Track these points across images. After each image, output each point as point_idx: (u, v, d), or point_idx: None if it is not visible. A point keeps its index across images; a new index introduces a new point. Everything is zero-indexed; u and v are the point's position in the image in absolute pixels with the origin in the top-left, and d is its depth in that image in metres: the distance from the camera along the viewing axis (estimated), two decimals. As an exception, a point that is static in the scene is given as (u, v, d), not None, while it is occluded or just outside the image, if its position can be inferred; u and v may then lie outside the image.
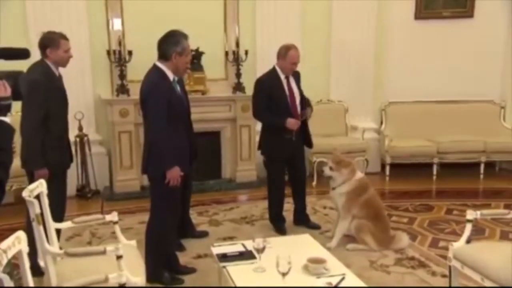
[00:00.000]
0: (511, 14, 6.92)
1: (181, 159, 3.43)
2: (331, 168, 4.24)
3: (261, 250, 2.81)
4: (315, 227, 4.75)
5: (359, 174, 4.31)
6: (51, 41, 3.61)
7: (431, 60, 6.99)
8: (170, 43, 3.34)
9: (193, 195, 5.71)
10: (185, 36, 3.39)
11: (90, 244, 4.35)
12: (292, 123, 4.37)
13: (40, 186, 2.73)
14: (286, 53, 4.42)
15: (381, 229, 4.19)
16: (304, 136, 4.64)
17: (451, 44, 6.98)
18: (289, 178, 4.79)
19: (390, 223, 4.44)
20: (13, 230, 2.10)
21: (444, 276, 3.61)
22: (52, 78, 3.63)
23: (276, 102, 4.44)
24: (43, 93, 3.48)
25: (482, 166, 6.60)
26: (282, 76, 4.50)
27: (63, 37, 3.68)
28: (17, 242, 1.85)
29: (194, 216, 5.11)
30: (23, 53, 2.16)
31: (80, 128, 5.68)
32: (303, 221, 4.79)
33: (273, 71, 4.54)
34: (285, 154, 4.55)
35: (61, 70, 3.78)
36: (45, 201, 2.76)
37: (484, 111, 7.00)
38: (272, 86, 4.47)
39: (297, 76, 4.63)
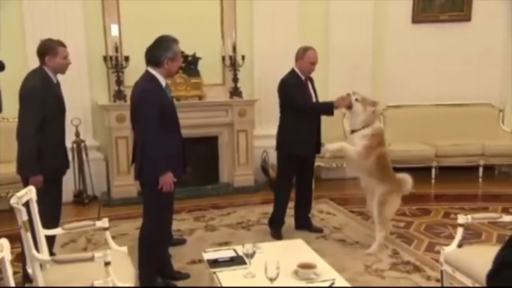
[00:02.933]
0: (508, 17, 6.92)
1: (173, 164, 3.42)
2: (356, 100, 4.24)
3: (250, 256, 2.81)
4: (318, 230, 4.75)
5: (379, 123, 4.32)
6: (49, 49, 3.63)
7: (429, 64, 6.98)
8: (161, 49, 3.33)
9: (190, 200, 5.77)
10: (175, 41, 3.39)
11: (86, 250, 4.35)
12: (341, 101, 4.34)
13: (29, 193, 2.73)
14: (304, 53, 4.49)
15: (391, 180, 4.21)
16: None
17: (449, 48, 6.97)
18: (297, 180, 4.74)
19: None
20: (6, 237, 2.11)
21: (438, 280, 3.59)
22: (49, 85, 3.64)
23: None
24: (40, 100, 3.50)
25: (481, 170, 6.59)
26: (303, 77, 4.53)
27: (61, 44, 3.70)
28: (0, 249, 1.84)
29: (190, 221, 5.13)
30: None
31: (77, 134, 5.70)
32: (306, 225, 4.78)
33: (293, 73, 4.56)
34: (304, 152, 4.55)
35: (58, 76, 3.79)
36: (35, 207, 2.76)
37: (482, 115, 6.98)
38: (298, 86, 4.50)
39: (311, 81, 4.68)
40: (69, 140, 5.20)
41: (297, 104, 4.45)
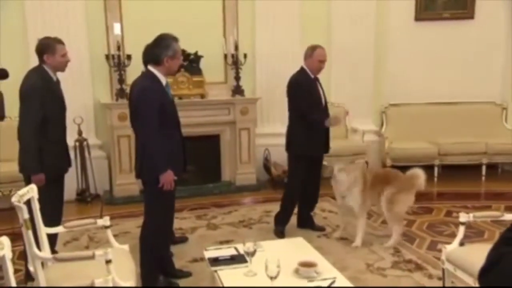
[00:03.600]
0: (511, 15, 6.88)
1: (174, 162, 3.42)
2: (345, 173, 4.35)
3: (251, 254, 2.81)
4: (320, 229, 4.75)
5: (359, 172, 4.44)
6: (47, 47, 3.62)
7: (431, 62, 6.97)
8: (161, 47, 3.33)
9: (192, 199, 5.77)
10: (175, 39, 3.39)
11: (88, 248, 4.36)
12: (333, 121, 4.50)
13: (31, 191, 2.74)
14: (313, 51, 4.47)
15: (394, 180, 4.33)
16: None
17: (452, 46, 6.95)
18: (306, 180, 4.68)
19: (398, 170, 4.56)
20: (9, 236, 2.12)
21: (440, 279, 3.58)
22: (49, 83, 3.64)
23: (314, 103, 4.48)
24: (40, 98, 3.50)
25: (484, 168, 6.56)
26: (312, 76, 4.52)
27: (59, 41, 3.69)
28: (0, 247, 1.85)
29: (192, 219, 5.14)
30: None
31: (80, 133, 5.71)
32: (309, 224, 4.78)
33: (303, 72, 4.53)
34: (315, 152, 4.56)
35: (60, 75, 3.79)
36: (36, 206, 2.77)
37: (485, 113, 6.96)
38: (309, 85, 4.48)
39: (318, 80, 4.66)
40: (71, 138, 5.21)
41: (298, 109, 4.45)
